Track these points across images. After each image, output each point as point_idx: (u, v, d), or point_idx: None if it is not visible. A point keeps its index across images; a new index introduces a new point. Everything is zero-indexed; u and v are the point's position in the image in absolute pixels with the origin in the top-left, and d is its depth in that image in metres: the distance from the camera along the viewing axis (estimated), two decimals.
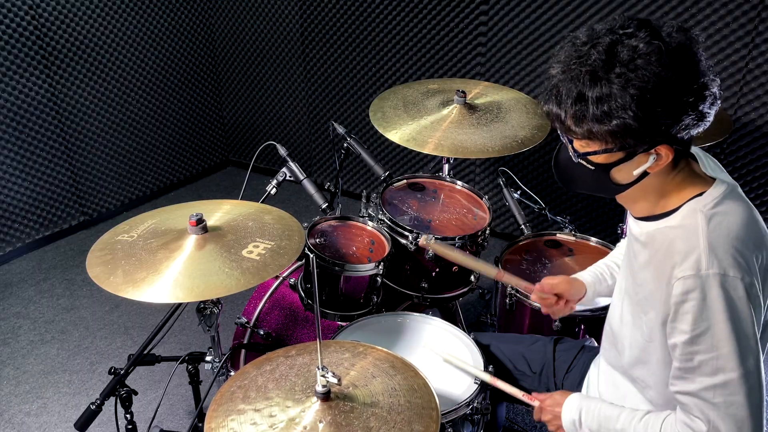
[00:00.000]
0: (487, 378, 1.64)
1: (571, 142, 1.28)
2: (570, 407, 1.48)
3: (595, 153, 1.25)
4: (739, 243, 1.19)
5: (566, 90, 1.20)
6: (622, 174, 1.27)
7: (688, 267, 1.18)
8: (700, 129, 1.20)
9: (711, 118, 1.20)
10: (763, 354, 1.33)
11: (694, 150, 1.35)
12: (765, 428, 1.22)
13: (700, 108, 1.17)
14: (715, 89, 1.18)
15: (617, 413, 1.40)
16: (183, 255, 1.62)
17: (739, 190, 1.30)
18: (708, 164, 1.33)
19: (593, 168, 1.27)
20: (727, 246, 1.18)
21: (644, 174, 1.25)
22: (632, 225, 1.38)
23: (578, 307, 1.74)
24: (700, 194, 1.25)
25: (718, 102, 1.21)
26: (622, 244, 1.80)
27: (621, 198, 1.35)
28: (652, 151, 1.21)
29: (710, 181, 1.28)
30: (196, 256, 1.62)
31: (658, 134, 1.18)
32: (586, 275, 1.72)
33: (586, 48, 1.18)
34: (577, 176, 1.33)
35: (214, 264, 1.60)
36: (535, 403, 1.58)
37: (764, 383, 1.21)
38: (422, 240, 1.82)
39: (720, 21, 2.64)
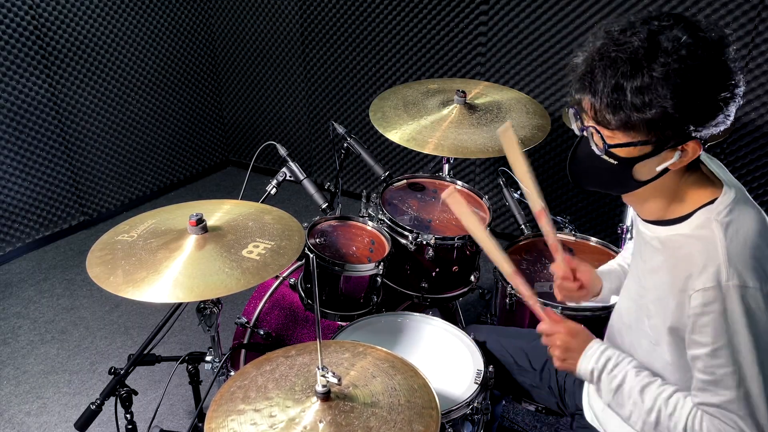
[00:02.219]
0: (509, 270, 1.44)
1: (599, 133, 1.23)
2: (594, 355, 1.38)
3: (623, 146, 1.21)
4: (757, 250, 1.18)
5: (603, 77, 1.16)
6: (644, 170, 1.23)
7: (708, 279, 1.17)
8: (720, 129, 1.20)
9: (732, 119, 1.20)
10: None
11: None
12: None
13: (730, 106, 1.16)
14: (740, 90, 1.17)
15: (641, 378, 1.32)
16: (183, 255, 1.62)
17: (747, 193, 1.29)
18: (712, 167, 1.32)
19: (616, 162, 1.24)
20: (746, 256, 1.17)
21: (664, 171, 1.23)
22: (642, 228, 1.36)
23: (590, 304, 1.69)
24: (711, 201, 1.24)
25: (740, 103, 1.20)
26: (630, 245, 1.78)
27: (630, 198, 1.33)
28: (679, 147, 1.19)
29: (719, 183, 1.27)
30: (196, 256, 1.62)
31: (693, 128, 1.17)
32: (600, 268, 1.66)
33: (625, 36, 1.16)
34: (594, 171, 1.29)
35: (214, 264, 1.60)
36: (545, 323, 1.45)
37: None
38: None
39: (720, 21, 2.64)
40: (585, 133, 1.27)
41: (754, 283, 1.16)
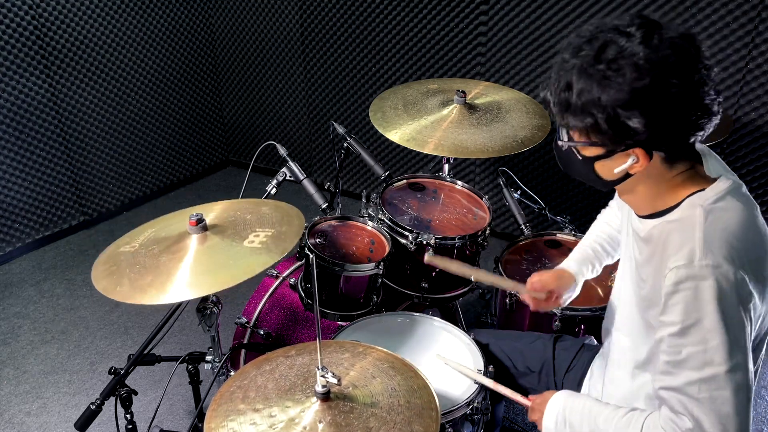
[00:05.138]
0: (489, 384, 1.64)
1: (565, 127, 1.28)
2: (554, 405, 1.47)
3: (577, 143, 1.26)
4: (736, 240, 1.18)
5: (556, 79, 1.22)
6: (604, 170, 1.27)
7: (682, 257, 1.17)
8: (692, 139, 1.20)
9: (707, 128, 1.20)
10: (763, 357, 1.33)
11: (700, 148, 1.33)
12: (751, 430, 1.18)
13: (689, 118, 1.16)
14: (708, 100, 1.17)
15: (600, 409, 1.38)
16: (187, 255, 1.62)
17: (744, 189, 1.29)
18: (712, 164, 1.31)
19: (580, 158, 1.29)
20: (723, 240, 1.17)
21: (627, 174, 1.25)
22: (635, 225, 1.37)
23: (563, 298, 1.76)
24: (702, 190, 1.24)
25: (714, 117, 1.19)
26: (600, 219, 1.86)
27: (622, 197, 1.36)
28: (630, 152, 1.21)
29: (713, 181, 1.27)
30: (200, 253, 1.62)
31: (629, 138, 1.18)
32: (572, 265, 1.74)
33: (583, 42, 1.20)
34: (569, 162, 1.34)
35: (219, 257, 1.59)
36: (529, 404, 1.58)
37: (753, 383, 1.18)
38: (427, 258, 1.83)
39: (720, 21, 2.64)
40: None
41: (728, 266, 1.15)
